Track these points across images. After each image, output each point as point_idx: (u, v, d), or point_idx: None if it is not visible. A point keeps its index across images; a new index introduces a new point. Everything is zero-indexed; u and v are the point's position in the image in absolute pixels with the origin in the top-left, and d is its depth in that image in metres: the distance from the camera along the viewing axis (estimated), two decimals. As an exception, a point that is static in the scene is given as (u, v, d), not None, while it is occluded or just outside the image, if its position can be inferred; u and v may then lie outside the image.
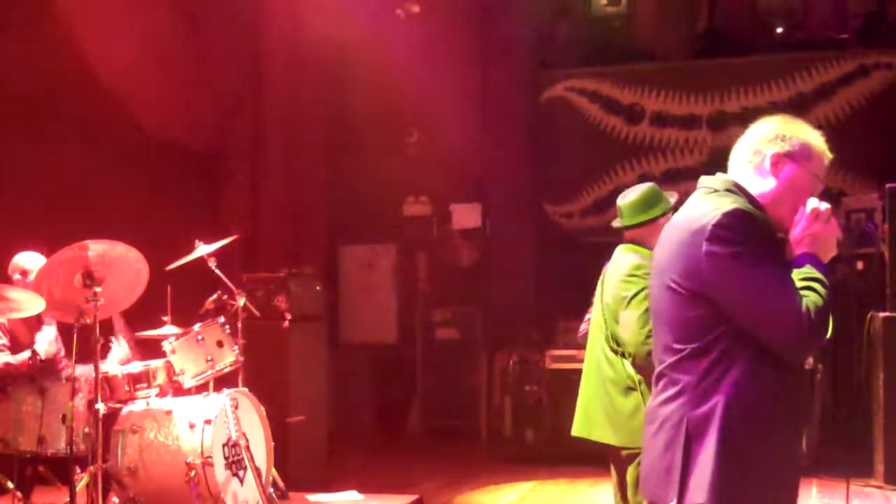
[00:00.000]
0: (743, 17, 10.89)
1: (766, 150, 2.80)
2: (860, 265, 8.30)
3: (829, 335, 2.68)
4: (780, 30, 10.82)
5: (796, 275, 2.68)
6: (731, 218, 2.64)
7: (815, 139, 2.83)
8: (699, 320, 2.68)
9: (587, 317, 4.93)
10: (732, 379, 2.64)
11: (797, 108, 9.80)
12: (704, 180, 2.89)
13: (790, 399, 2.72)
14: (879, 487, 7.40)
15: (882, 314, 7.61)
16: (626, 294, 4.38)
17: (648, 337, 4.17)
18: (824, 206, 2.77)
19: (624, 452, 4.45)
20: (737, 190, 2.80)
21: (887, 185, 7.74)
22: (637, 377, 4.39)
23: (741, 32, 10.79)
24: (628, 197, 4.60)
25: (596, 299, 4.69)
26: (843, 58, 10.19)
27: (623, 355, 4.45)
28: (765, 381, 2.66)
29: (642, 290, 4.26)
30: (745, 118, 2.95)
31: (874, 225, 8.24)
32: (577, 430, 4.68)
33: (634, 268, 4.39)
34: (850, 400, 8.02)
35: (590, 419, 4.59)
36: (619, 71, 10.90)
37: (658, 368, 2.81)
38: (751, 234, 2.65)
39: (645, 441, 2.84)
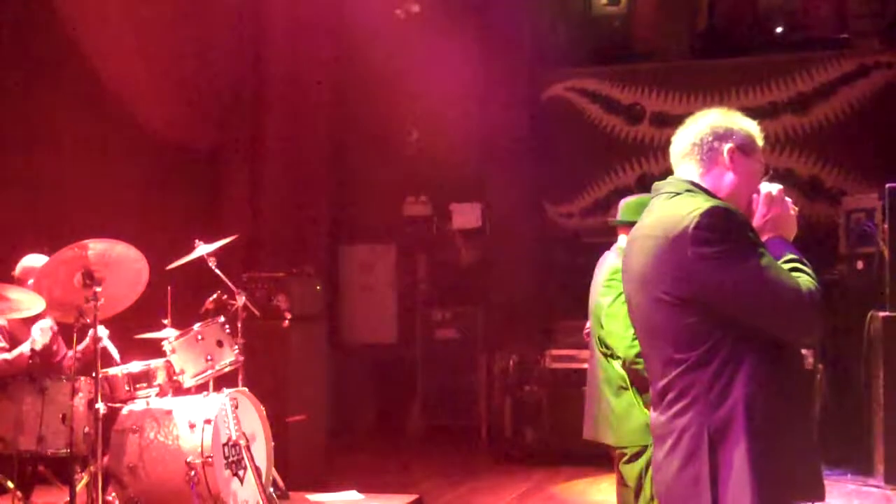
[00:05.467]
0: (743, 17, 10.88)
1: (718, 146, 2.82)
2: (860, 265, 8.29)
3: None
4: (780, 30, 10.81)
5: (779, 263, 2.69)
6: (711, 217, 2.62)
7: (754, 127, 2.87)
8: (698, 326, 2.64)
9: None
10: (745, 378, 2.61)
11: (797, 108, 9.80)
12: (660, 185, 2.87)
13: (798, 387, 2.73)
14: (879, 487, 7.41)
15: (882, 314, 7.60)
16: (603, 301, 4.36)
17: (635, 339, 4.14)
18: (776, 187, 2.80)
19: (618, 451, 4.47)
20: (696, 189, 2.78)
21: (887, 185, 7.74)
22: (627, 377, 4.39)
23: (741, 32, 10.78)
24: (633, 197, 4.63)
25: (590, 300, 4.71)
26: (843, 58, 10.18)
27: (611, 357, 4.46)
28: (776, 373, 2.64)
29: (620, 294, 4.23)
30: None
31: (874, 225, 8.23)
32: (586, 433, 4.70)
33: (612, 272, 4.38)
34: (850, 400, 8.01)
35: (593, 421, 4.62)
36: (619, 71, 10.89)
37: (661, 382, 2.73)
38: (733, 228, 2.63)
39: (657, 458, 2.75)
